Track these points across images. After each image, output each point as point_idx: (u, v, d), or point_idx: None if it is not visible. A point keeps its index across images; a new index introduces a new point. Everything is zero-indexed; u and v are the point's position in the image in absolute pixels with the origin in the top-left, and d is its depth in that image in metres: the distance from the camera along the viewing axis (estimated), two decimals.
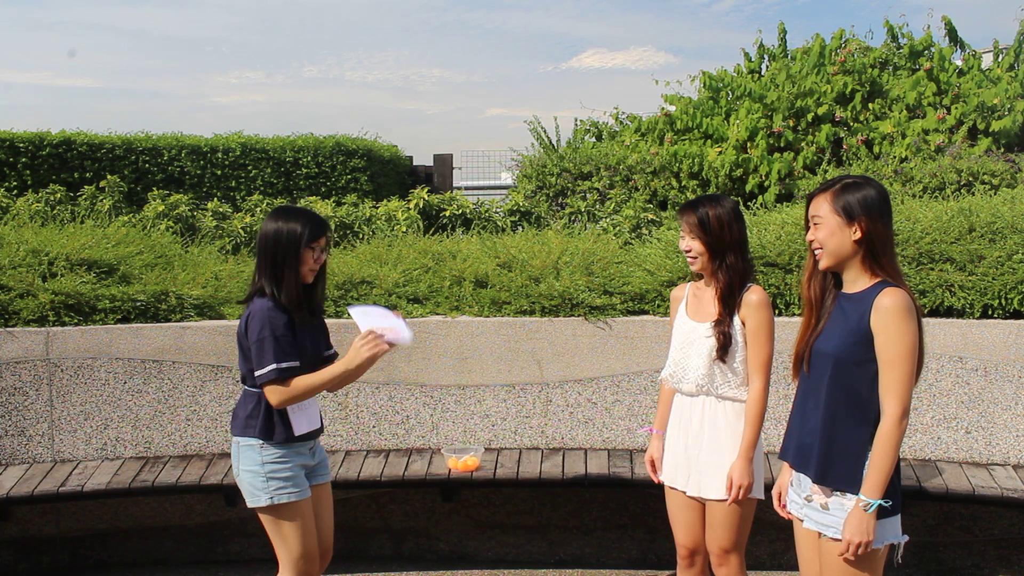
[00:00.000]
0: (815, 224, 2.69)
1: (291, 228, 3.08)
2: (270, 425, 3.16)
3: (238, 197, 12.78)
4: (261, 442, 3.16)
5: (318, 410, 3.32)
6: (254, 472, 3.17)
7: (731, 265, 3.17)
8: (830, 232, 2.64)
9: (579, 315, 4.64)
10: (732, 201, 3.26)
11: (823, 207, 2.66)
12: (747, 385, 3.19)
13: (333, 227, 7.63)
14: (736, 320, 3.18)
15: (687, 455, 3.27)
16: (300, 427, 3.19)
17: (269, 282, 3.11)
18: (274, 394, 3.08)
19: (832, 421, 2.64)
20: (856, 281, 2.66)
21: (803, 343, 2.75)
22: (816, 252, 2.70)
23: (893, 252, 2.67)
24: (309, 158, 14.46)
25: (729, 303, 3.18)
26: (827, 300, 2.74)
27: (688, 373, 3.25)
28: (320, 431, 3.34)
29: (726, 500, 3.15)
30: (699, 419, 3.25)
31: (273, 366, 3.05)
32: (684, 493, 3.29)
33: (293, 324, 3.13)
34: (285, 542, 3.17)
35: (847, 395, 2.62)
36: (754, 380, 3.16)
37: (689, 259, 3.26)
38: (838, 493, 2.63)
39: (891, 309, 2.54)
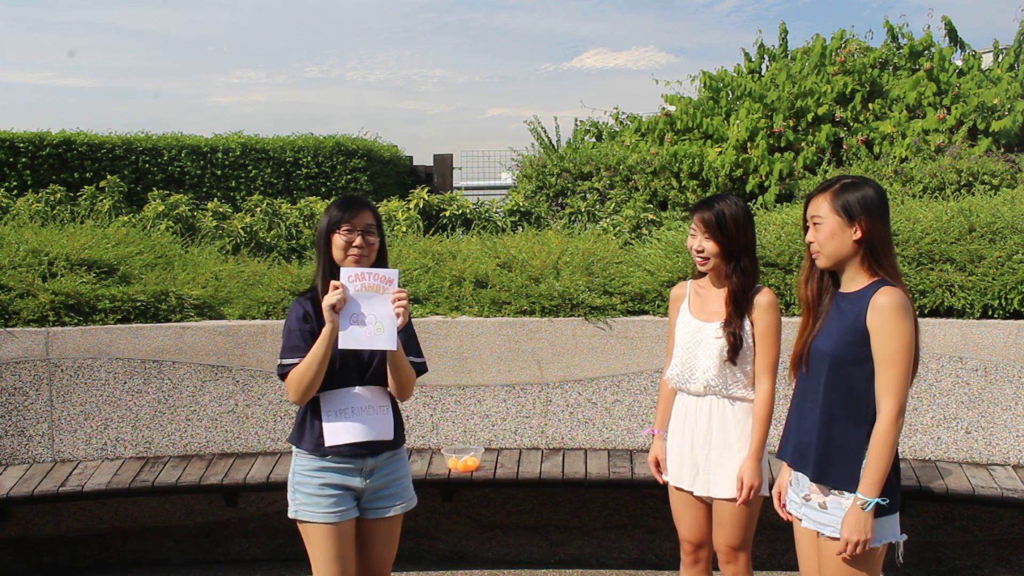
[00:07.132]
0: (815, 224, 2.68)
1: (323, 217, 2.99)
2: (302, 430, 2.97)
3: (238, 197, 12.79)
4: (298, 449, 3.00)
5: (370, 421, 2.95)
6: (289, 479, 3.00)
7: (744, 268, 3.15)
8: (830, 233, 2.63)
9: (579, 315, 4.64)
10: (744, 202, 3.26)
11: (823, 207, 2.65)
12: (755, 385, 3.19)
13: None
14: (745, 321, 3.17)
15: (693, 455, 3.25)
16: (333, 437, 2.90)
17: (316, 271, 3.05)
18: (288, 389, 2.92)
19: (829, 420, 2.64)
20: (854, 280, 2.66)
21: (801, 343, 2.76)
22: (814, 253, 2.70)
23: (892, 252, 2.67)
24: (309, 158, 14.47)
25: (740, 305, 3.16)
26: (824, 300, 2.74)
27: (696, 373, 3.23)
28: (374, 446, 2.96)
29: (735, 499, 3.15)
30: (707, 419, 3.23)
31: (279, 362, 2.95)
32: (691, 493, 3.28)
33: (316, 316, 2.93)
34: (312, 558, 2.97)
35: (844, 394, 2.62)
36: (762, 381, 3.16)
37: (699, 259, 3.20)
38: (836, 492, 2.64)
39: (887, 307, 2.54)
